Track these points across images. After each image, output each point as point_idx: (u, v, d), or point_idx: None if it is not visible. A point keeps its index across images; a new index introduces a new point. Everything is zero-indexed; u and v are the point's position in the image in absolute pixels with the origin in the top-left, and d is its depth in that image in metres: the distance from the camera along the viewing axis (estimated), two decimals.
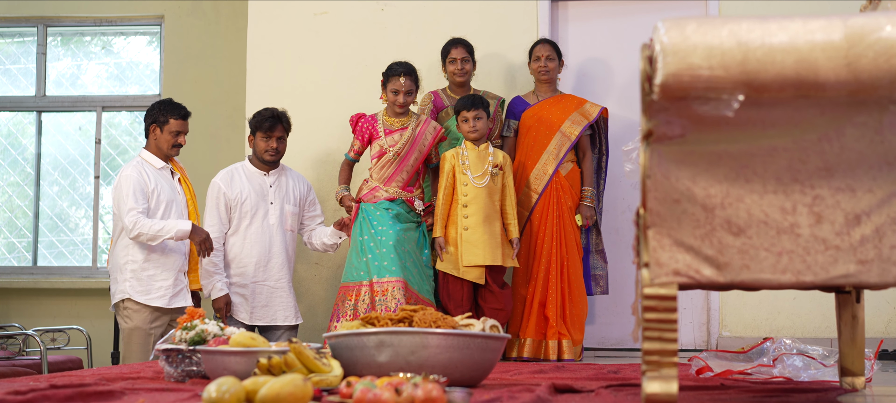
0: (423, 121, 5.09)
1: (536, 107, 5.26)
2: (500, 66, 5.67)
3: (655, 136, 2.04)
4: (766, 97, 1.97)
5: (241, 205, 5.17)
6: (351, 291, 4.88)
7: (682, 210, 2.04)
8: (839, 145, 2.02)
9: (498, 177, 5.02)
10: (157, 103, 5.12)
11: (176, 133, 5.05)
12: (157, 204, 4.94)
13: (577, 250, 5.12)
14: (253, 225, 5.16)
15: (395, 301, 4.73)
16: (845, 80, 1.94)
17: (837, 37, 1.95)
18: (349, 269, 4.95)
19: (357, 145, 5.16)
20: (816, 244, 2.02)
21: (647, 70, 2.02)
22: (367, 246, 4.90)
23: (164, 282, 4.93)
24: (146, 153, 5.08)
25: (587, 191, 5.20)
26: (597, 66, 5.71)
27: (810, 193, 2.03)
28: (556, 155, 5.14)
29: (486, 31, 5.65)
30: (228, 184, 5.19)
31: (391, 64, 5.03)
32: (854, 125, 2.00)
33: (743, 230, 2.03)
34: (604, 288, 5.26)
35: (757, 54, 1.95)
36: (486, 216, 4.97)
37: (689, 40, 1.98)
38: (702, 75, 1.95)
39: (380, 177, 5.05)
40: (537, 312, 5.03)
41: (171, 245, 4.94)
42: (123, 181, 4.93)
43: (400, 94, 4.97)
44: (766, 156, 2.03)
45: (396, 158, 5.03)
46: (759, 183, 2.03)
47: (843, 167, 2.02)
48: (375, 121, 5.10)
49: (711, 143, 2.04)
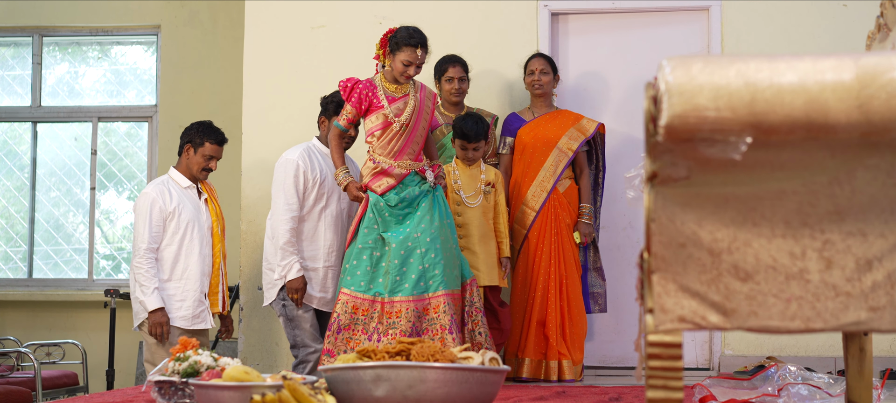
0: (421, 87, 4.73)
1: (532, 123, 5.19)
2: (498, 82, 5.60)
3: (660, 178, 1.97)
4: (775, 139, 1.90)
5: (320, 186, 4.89)
6: (358, 305, 4.45)
7: (687, 254, 1.98)
8: (850, 188, 1.95)
9: (490, 194, 4.94)
10: (196, 124, 5.01)
11: (209, 157, 4.95)
12: (177, 225, 4.83)
13: (575, 268, 5.06)
14: (329, 208, 4.92)
15: (409, 323, 4.37)
16: (857, 122, 1.87)
17: (848, 77, 1.89)
18: (353, 275, 4.49)
19: (351, 113, 4.64)
20: (827, 290, 1.96)
21: (652, 110, 1.95)
22: (376, 252, 4.50)
23: (184, 302, 4.83)
24: (174, 171, 4.99)
25: (585, 208, 5.13)
26: (597, 80, 5.64)
27: (820, 238, 1.96)
28: (554, 171, 5.08)
29: (484, 45, 5.58)
30: (308, 163, 4.88)
31: (404, 29, 4.61)
32: (866, 168, 1.93)
33: (751, 275, 1.97)
34: (602, 306, 5.20)
35: (765, 95, 1.89)
36: (482, 235, 4.90)
37: (695, 80, 1.91)
38: (708, 116, 1.89)
39: (388, 151, 4.59)
40: (536, 331, 4.97)
41: (193, 267, 4.83)
42: (142, 206, 4.83)
43: (411, 66, 4.56)
44: (775, 200, 1.97)
45: (404, 129, 4.59)
46: (767, 227, 1.97)
47: (855, 211, 1.95)
48: (374, 88, 4.63)
49: (718, 186, 1.98)
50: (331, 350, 4.42)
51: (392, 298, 4.42)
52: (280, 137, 5.72)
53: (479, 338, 4.54)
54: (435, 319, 4.41)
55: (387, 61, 4.61)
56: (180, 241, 4.84)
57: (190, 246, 4.85)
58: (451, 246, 4.57)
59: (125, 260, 7.20)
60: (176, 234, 4.83)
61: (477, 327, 4.56)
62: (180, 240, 4.84)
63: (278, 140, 5.72)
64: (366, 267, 4.48)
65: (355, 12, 5.75)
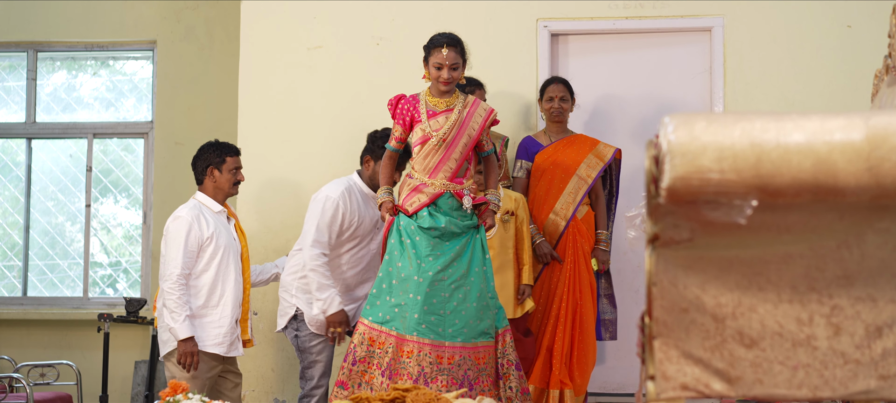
0: (472, 102, 4.39)
1: (550, 148, 5.11)
2: (499, 103, 5.52)
3: (662, 240, 1.90)
4: (782, 201, 1.83)
5: (354, 229, 4.82)
6: (375, 337, 4.20)
7: (690, 319, 1.91)
8: (859, 252, 1.88)
9: (509, 223, 4.81)
10: (206, 146, 4.91)
11: (235, 169, 4.88)
12: (215, 250, 4.72)
13: (591, 295, 4.97)
14: (356, 251, 4.84)
15: (418, 367, 4.09)
16: (867, 185, 1.80)
17: (858, 137, 1.82)
18: (373, 305, 4.24)
19: (398, 131, 4.40)
20: (835, 357, 1.89)
21: (653, 171, 1.88)
22: (397, 283, 4.22)
23: (219, 329, 4.72)
24: (203, 196, 4.86)
25: (602, 235, 5.07)
26: (597, 102, 5.57)
27: (828, 303, 1.89)
28: (574, 199, 5.00)
29: (484, 66, 5.50)
30: (348, 205, 4.78)
31: (433, 35, 4.42)
32: (875, 231, 1.86)
33: (756, 342, 1.90)
34: (613, 334, 5.12)
35: (772, 156, 1.81)
36: (500, 265, 4.76)
37: (698, 140, 1.84)
38: (712, 179, 1.81)
39: (424, 167, 4.30)
40: (544, 357, 4.88)
41: (229, 293, 4.74)
42: (176, 230, 4.71)
43: (444, 69, 4.27)
44: (781, 263, 1.89)
45: (441, 144, 4.29)
46: (773, 291, 1.90)
47: (864, 275, 1.88)
48: (417, 102, 4.38)
49: (722, 249, 1.91)
50: (345, 382, 4.19)
51: (404, 336, 4.16)
52: (276, 158, 5.65)
53: (510, 393, 4.25)
54: (446, 370, 4.12)
55: (426, 74, 4.40)
56: (217, 267, 4.73)
57: (226, 273, 4.76)
58: (486, 295, 4.27)
59: (124, 274, 7.13)
60: (213, 260, 4.73)
61: (508, 381, 4.27)
62: (217, 266, 4.73)
63: (274, 161, 5.65)
64: (386, 297, 4.24)
65: (353, 33, 5.68)
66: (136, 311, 6.12)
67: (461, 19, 5.48)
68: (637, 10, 5.48)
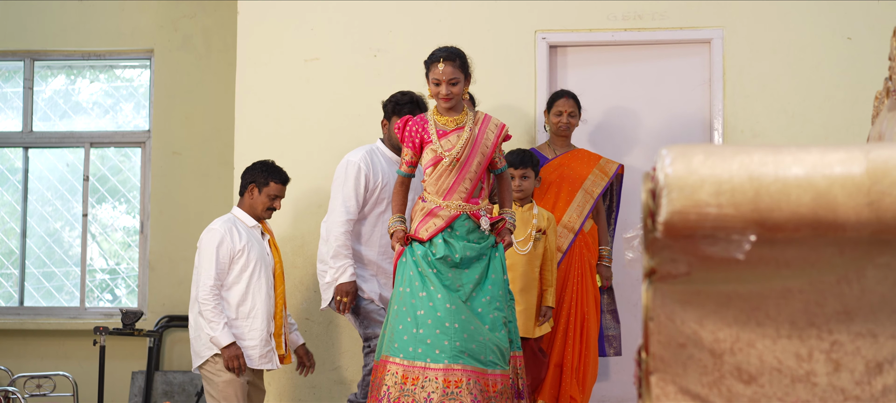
0: (483, 118, 4.21)
1: (555, 162, 5.09)
2: (498, 115, 5.51)
3: (659, 275, 1.87)
4: (781, 236, 1.81)
5: (380, 190, 4.73)
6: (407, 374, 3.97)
7: (687, 355, 1.88)
8: (859, 287, 1.85)
9: (540, 241, 4.71)
10: (259, 163, 4.93)
11: (273, 197, 4.88)
12: (246, 264, 4.74)
13: (595, 310, 4.94)
14: (388, 212, 4.69)
15: (425, 393, 3.90)
16: (867, 220, 1.77)
17: (858, 171, 1.79)
18: (401, 341, 4.00)
19: (408, 154, 4.20)
20: (834, 394, 1.86)
21: (650, 204, 1.85)
22: (423, 314, 3.99)
23: (249, 342, 4.72)
24: (238, 210, 4.91)
25: (605, 250, 5.05)
26: (596, 114, 5.55)
27: (828, 339, 1.87)
28: (581, 213, 4.98)
29: (482, 78, 5.48)
30: (370, 166, 4.70)
31: (434, 49, 4.26)
32: (876, 266, 1.83)
33: (754, 378, 1.87)
34: (617, 349, 5.10)
35: (770, 190, 1.79)
36: (525, 285, 4.67)
37: (696, 174, 1.81)
38: (710, 213, 1.79)
39: (438, 189, 4.11)
40: (553, 373, 4.85)
41: (260, 306, 4.74)
42: (209, 242, 4.74)
43: (442, 85, 4.10)
44: (780, 298, 1.87)
45: (455, 164, 4.10)
46: (772, 327, 1.87)
47: (864, 311, 1.85)
48: (425, 122, 4.18)
49: (720, 283, 1.88)
50: None
51: (413, 363, 3.97)
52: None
53: None
54: (456, 394, 3.91)
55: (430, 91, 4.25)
56: (248, 280, 4.75)
57: (257, 286, 4.77)
58: (502, 317, 4.09)
59: (123, 282, 7.11)
60: (244, 273, 4.75)
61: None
62: (248, 280, 4.75)
63: None
64: (413, 329, 3.99)
65: (350, 45, 5.66)
66: (132, 324, 6.09)
67: (459, 31, 5.46)
68: (636, 22, 5.46)
